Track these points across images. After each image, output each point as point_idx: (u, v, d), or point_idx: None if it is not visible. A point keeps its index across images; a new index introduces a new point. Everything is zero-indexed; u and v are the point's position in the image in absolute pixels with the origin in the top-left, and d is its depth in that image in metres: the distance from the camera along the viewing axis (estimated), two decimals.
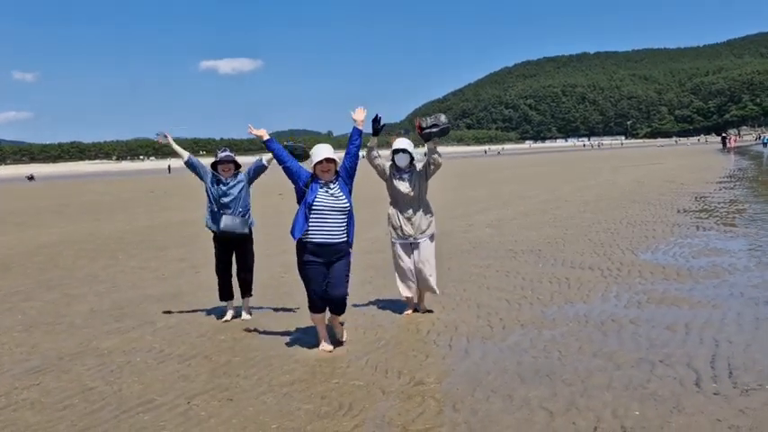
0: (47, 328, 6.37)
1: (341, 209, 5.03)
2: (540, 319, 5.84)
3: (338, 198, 5.05)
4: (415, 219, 6.02)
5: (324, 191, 5.02)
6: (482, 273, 7.99)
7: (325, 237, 4.98)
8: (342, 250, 5.09)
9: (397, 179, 6.04)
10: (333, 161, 5.05)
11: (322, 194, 5.00)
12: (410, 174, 6.05)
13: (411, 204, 6.03)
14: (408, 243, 6.06)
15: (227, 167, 6.28)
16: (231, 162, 6.30)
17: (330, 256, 5.05)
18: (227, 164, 6.27)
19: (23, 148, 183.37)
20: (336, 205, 5.02)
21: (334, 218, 5.01)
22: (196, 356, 5.24)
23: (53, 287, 8.51)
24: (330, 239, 4.99)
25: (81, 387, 4.64)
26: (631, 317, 5.74)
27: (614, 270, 7.77)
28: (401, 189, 6.01)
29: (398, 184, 6.02)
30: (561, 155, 77.02)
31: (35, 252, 11.97)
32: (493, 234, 11.36)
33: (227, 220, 6.13)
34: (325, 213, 4.98)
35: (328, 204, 4.99)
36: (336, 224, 5.02)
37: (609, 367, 4.50)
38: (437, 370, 4.67)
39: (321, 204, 4.98)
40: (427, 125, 5.95)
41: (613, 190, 19.60)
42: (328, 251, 5.02)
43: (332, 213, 5.00)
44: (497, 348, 5.07)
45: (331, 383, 4.47)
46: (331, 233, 5.00)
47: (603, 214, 13.39)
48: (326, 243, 4.99)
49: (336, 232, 5.02)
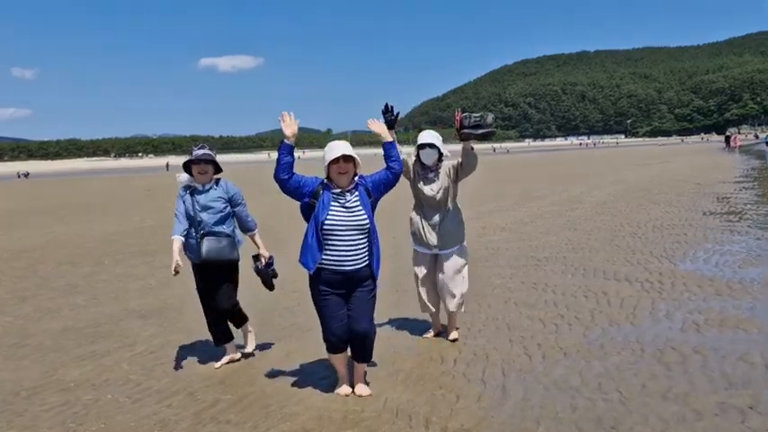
0: (8, 351, 5.50)
1: (359, 227, 3.97)
2: (585, 345, 4.97)
3: (354, 212, 3.97)
4: (441, 227, 5.08)
5: (338, 204, 3.96)
6: (506, 284, 7.12)
7: (342, 263, 3.95)
8: (364, 277, 4.04)
9: (422, 180, 5.10)
10: (351, 160, 3.99)
11: (335, 209, 3.95)
12: (436, 173, 5.07)
13: (437, 210, 5.09)
14: (433, 254, 5.15)
15: (204, 169, 4.73)
16: (209, 162, 4.75)
17: (349, 285, 4.03)
18: (202, 164, 4.73)
19: (21, 146, 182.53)
20: (353, 222, 3.95)
21: (351, 238, 3.95)
22: (178, 393, 4.36)
23: (27, 299, 7.63)
24: (347, 267, 3.95)
25: None
26: (693, 344, 4.87)
27: (655, 282, 6.90)
28: (426, 192, 5.07)
29: (423, 186, 5.08)
30: (566, 153, 76.13)
31: (16, 257, 11.09)
32: (510, 238, 10.49)
33: (211, 245, 4.67)
34: (340, 233, 3.94)
35: (343, 221, 3.94)
36: (352, 247, 3.95)
37: (687, 416, 3.63)
38: (473, 416, 3.79)
39: (334, 222, 3.93)
40: (469, 124, 4.91)
41: (627, 190, 18.73)
42: (347, 280, 4.00)
43: (348, 232, 3.94)
44: (541, 386, 4.20)
45: None
46: (348, 258, 3.95)
47: (625, 216, 12.52)
48: (341, 272, 3.96)
49: (355, 255, 3.96)
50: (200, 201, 4.70)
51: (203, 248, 4.65)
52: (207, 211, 4.69)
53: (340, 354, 4.17)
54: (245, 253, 5.07)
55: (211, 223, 4.70)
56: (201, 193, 4.73)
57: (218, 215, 4.73)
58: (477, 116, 4.90)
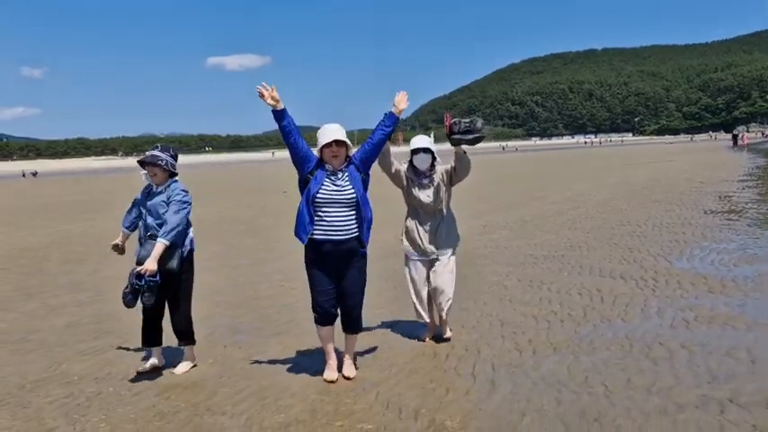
0: (14, 346, 5.65)
1: (346, 200, 4.26)
2: (575, 341, 5.08)
3: (343, 189, 4.27)
4: (438, 233, 5.07)
5: (329, 181, 4.27)
6: (502, 282, 7.23)
7: (329, 234, 4.26)
8: (352, 250, 4.34)
9: (416, 186, 5.07)
10: (343, 144, 4.27)
11: (326, 186, 4.26)
12: (431, 179, 5.05)
13: (433, 216, 5.08)
14: (428, 260, 5.13)
15: (152, 171, 4.66)
16: (156, 166, 4.63)
17: (338, 257, 4.32)
18: (149, 166, 4.65)
19: (30, 145, 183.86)
20: (341, 197, 4.25)
21: (338, 211, 4.26)
22: (177, 387, 4.49)
23: (33, 295, 7.79)
24: (334, 236, 4.26)
25: (39, 427, 3.91)
26: (681, 340, 4.96)
27: (650, 280, 6.98)
28: (422, 199, 5.04)
29: (418, 193, 5.05)
30: (571, 152, 75.97)
31: (22, 255, 11.26)
32: (510, 237, 10.58)
33: (147, 249, 4.58)
34: (328, 207, 4.25)
35: (331, 196, 4.25)
36: (341, 218, 4.27)
37: (669, 408, 3.73)
38: (461, 409, 3.91)
39: (324, 197, 4.24)
40: (460, 129, 4.86)
41: (630, 189, 18.77)
42: (335, 251, 4.29)
43: (335, 206, 4.25)
44: (530, 380, 4.31)
45: (334, 426, 3.72)
46: (335, 229, 4.26)
47: (625, 215, 12.58)
48: (330, 240, 4.27)
49: (342, 228, 4.27)
50: (147, 204, 4.72)
51: (142, 251, 4.65)
52: (150, 216, 4.68)
53: (327, 326, 4.45)
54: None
55: (154, 227, 4.64)
56: (151, 198, 4.71)
57: (159, 220, 4.63)
58: (466, 121, 4.87)
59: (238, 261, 9.57)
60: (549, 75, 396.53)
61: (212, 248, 10.56)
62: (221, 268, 8.95)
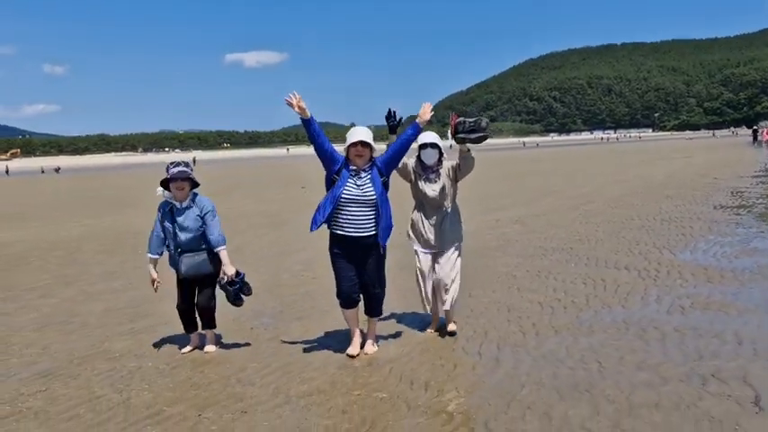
0: (59, 327, 6.16)
1: (366, 201, 4.70)
2: (576, 324, 5.46)
3: (365, 189, 4.70)
4: (442, 226, 5.27)
5: (352, 181, 4.70)
6: (511, 272, 7.61)
7: (350, 230, 4.73)
8: (371, 244, 4.78)
9: (423, 180, 5.27)
10: (368, 146, 4.72)
11: (349, 185, 4.69)
12: (437, 174, 5.26)
13: (438, 209, 5.28)
14: (433, 253, 5.36)
15: (181, 186, 4.96)
16: (186, 179, 4.98)
17: (357, 250, 4.79)
18: (179, 181, 4.96)
19: (52, 141, 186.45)
20: (361, 197, 4.69)
21: (360, 210, 4.70)
22: (209, 362, 4.96)
23: (70, 283, 8.33)
24: (355, 233, 4.73)
25: (89, 395, 4.39)
26: (675, 324, 5.33)
27: (652, 271, 7.33)
28: (427, 192, 5.24)
29: (424, 187, 5.25)
30: (589, 148, 75.71)
31: (56, 247, 11.85)
32: (521, 231, 10.95)
33: (189, 262, 5.02)
34: (351, 206, 4.69)
35: (353, 195, 4.68)
36: (361, 217, 4.71)
37: (655, 381, 4.12)
38: (466, 381, 4.33)
39: (347, 195, 4.68)
40: (464, 129, 5.05)
41: (645, 185, 18.99)
42: (355, 245, 4.76)
43: (356, 206, 4.69)
44: (531, 357, 4.71)
45: (352, 395, 4.15)
46: (356, 227, 4.72)
47: (636, 210, 12.88)
48: (351, 236, 4.73)
49: (362, 226, 4.72)
50: (178, 221, 5.00)
51: (182, 266, 5.03)
52: (184, 232, 4.99)
53: (351, 309, 4.93)
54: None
55: (189, 242, 5.01)
56: (180, 213, 5.01)
57: (194, 234, 5.01)
58: (471, 121, 5.06)
59: (261, 253, 10.05)
60: (568, 70, 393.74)
61: (236, 241, 11.04)
62: (246, 259, 9.42)
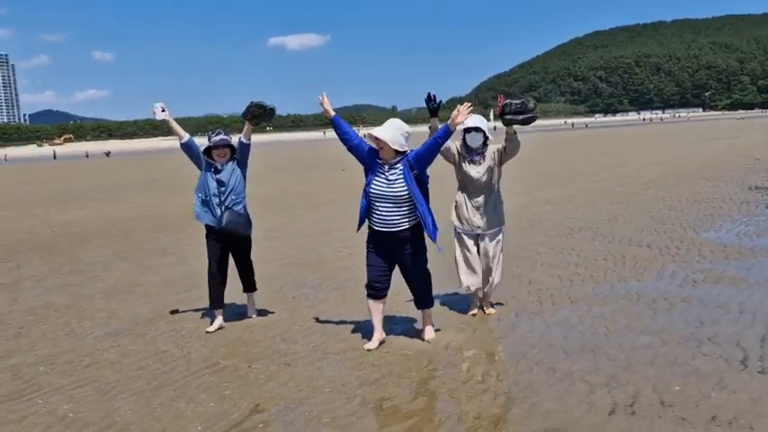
0: (123, 296, 6.89)
1: (395, 196, 4.61)
2: (591, 296, 5.90)
3: (393, 184, 4.62)
4: (485, 208, 5.32)
5: (381, 176, 4.67)
6: (536, 249, 8.04)
7: (380, 225, 4.71)
8: (404, 239, 4.71)
9: (468, 162, 5.29)
10: (382, 141, 4.59)
11: (378, 180, 4.68)
12: (482, 156, 5.27)
13: (482, 192, 5.31)
14: (475, 235, 5.42)
15: (223, 152, 5.42)
16: (227, 146, 5.45)
17: (390, 245, 4.76)
18: (222, 148, 5.42)
19: (102, 125, 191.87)
20: (390, 193, 4.62)
21: (387, 206, 4.65)
22: (256, 325, 5.58)
23: (128, 258, 9.10)
24: (385, 228, 4.69)
25: (155, 350, 5.07)
26: (684, 295, 5.72)
27: (673, 248, 7.67)
28: (472, 174, 5.27)
29: (469, 169, 5.28)
30: (634, 129, 74.31)
31: (112, 226, 12.73)
32: (552, 211, 11.31)
33: (231, 217, 5.36)
34: (379, 201, 4.67)
35: (382, 192, 4.65)
36: (390, 212, 4.65)
37: (655, 344, 4.55)
38: (483, 343, 4.83)
39: (376, 191, 4.68)
40: (511, 110, 4.99)
41: (682, 166, 18.98)
42: (387, 240, 4.75)
43: (384, 201, 4.65)
44: (545, 323, 5.18)
45: (382, 352, 4.71)
46: (386, 222, 4.67)
47: (669, 191, 13.07)
48: (382, 231, 4.72)
49: (392, 220, 4.65)
50: (220, 178, 5.39)
51: (224, 219, 5.33)
52: (224, 186, 5.39)
53: (374, 301, 4.89)
54: None
55: (232, 197, 5.40)
56: (220, 172, 5.41)
57: (237, 189, 5.44)
58: (518, 102, 4.98)
59: (303, 231, 10.69)
60: (615, 48, 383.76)
61: (279, 220, 11.75)
62: (288, 237, 10.08)
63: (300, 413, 3.78)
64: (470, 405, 3.76)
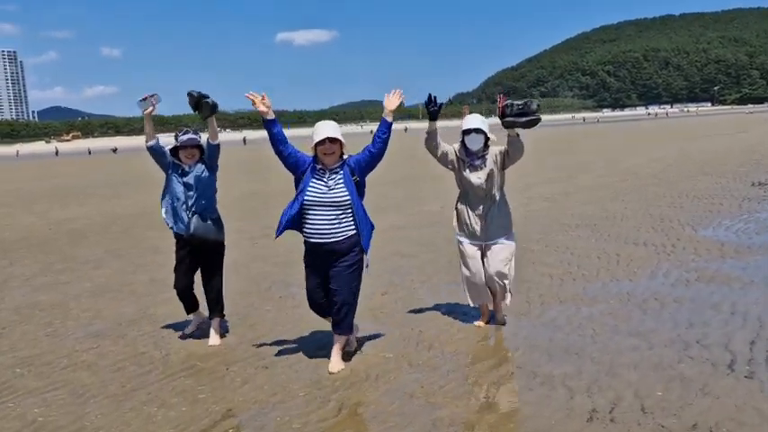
0: (111, 295, 6.83)
1: (336, 203, 4.19)
2: (581, 295, 5.78)
3: (333, 189, 4.20)
4: (488, 218, 4.88)
5: (319, 181, 4.23)
6: (530, 247, 7.92)
7: (316, 237, 4.24)
8: (343, 251, 4.24)
9: (467, 167, 4.87)
10: (337, 141, 4.22)
11: (314, 185, 4.22)
12: (483, 160, 4.84)
13: (484, 200, 4.88)
14: (479, 245, 4.98)
15: (191, 153, 4.99)
16: (196, 147, 5.01)
17: (326, 258, 4.29)
18: (190, 149, 4.99)
19: (109, 122, 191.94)
20: (330, 199, 4.19)
21: (327, 213, 4.20)
22: (241, 325, 5.51)
23: (122, 256, 9.05)
24: (321, 239, 4.23)
25: (134, 351, 5.00)
26: (676, 295, 5.60)
27: (669, 246, 7.54)
28: (472, 180, 4.84)
29: (469, 175, 4.85)
30: (640, 124, 73.82)
31: (111, 223, 12.70)
32: (549, 208, 11.18)
33: (198, 223, 4.93)
34: (317, 208, 4.21)
35: (320, 198, 4.20)
36: (326, 221, 4.20)
37: (641, 346, 4.44)
38: (467, 344, 4.73)
39: (312, 197, 4.22)
40: (512, 111, 4.61)
41: (685, 162, 18.77)
42: (323, 253, 4.28)
43: (323, 207, 4.20)
44: (531, 325, 5.08)
45: (362, 355, 4.62)
46: (321, 232, 4.22)
47: (670, 187, 12.90)
48: (317, 243, 4.25)
49: (328, 230, 4.20)
50: (188, 180, 4.95)
51: (192, 225, 4.91)
52: (192, 189, 4.95)
53: (326, 318, 4.56)
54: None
55: (200, 201, 4.97)
56: (188, 174, 4.97)
57: (205, 193, 5.00)
58: (519, 103, 4.62)
59: None
60: (623, 43, 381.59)
61: (276, 217, 11.66)
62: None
63: (272, 418, 3.69)
64: (446, 410, 3.67)
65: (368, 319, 5.43)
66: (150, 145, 5.13)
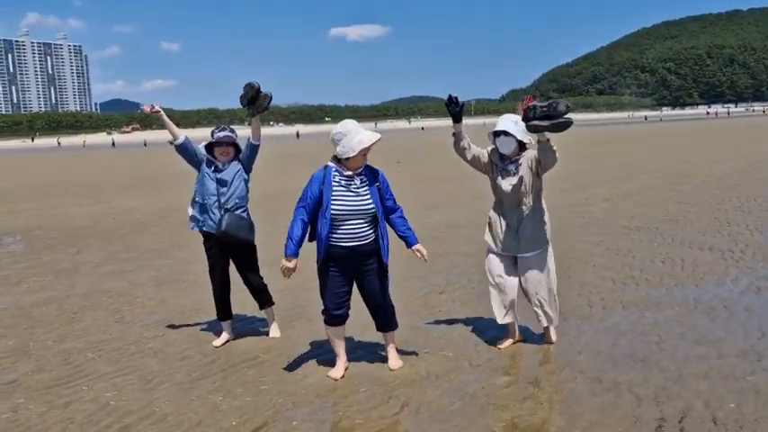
0: (174, 284, 7.04)
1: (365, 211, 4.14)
2: (645, 301, 5.64)
3: (361, 197, 4.15)
4: (521, 228, 4.50)
5: (345, 190, 4.14)
6: (590, 250, 7.77)
7: (347, 240, 4.15)
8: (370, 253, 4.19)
9: (500, 173, 4.51)
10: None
11: (344, 195, 4.12)
12: (517, 165, 4.47)
13: (517, 208, 4.50)
14: (511, 257, 4.62)
15: (226, 151, 4.91)
16: (231, 144, 4.92)
17: (354, 261, 4.20)
18: (225, 146, 4.91)
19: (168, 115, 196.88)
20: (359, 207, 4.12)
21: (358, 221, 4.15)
22: (301, 318, 5.59)
23: (183, 246, 9.30)
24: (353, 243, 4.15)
25: (198, 341, 5.14)
26: (746, 304, 5.40)
27: (737, 252, 7.27)
28: (503, 187, 4.49)
29: (501, 181, 4.50)
30: (700, 124, 71.38)
31: (169, 214, 13.06)
32: (608, 209, 10.94)
33: (231, 220, 4.81)
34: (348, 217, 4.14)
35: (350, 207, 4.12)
36: (360, 226, 4.14)
37: (710, 355, 4.30)
38: (527, 348, 4.68)
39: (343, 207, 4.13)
40: (536, 114, 4.16)
41: (751, 164, 18.04)
42: (351, 257, 4.18)
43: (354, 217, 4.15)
44: (593, 329, 4.98)
45: (422, 353, 4.62)
46: (353, 236, 4.14)
47: (736, 191, 12.43)
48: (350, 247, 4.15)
49: (362, 234, 4.15)
50: (221, 177, 4.89)
51: (224, 223, 4.79)
52: (226, 186, 4.89)
53: (337, 327, 4.33)
54: None
55: (230, 198, 4.89)
56: (222, 171, 4.91)
57: (238, 191, 4.94)
58: (543, 105, 4.15)
59: None
60: (685, 39, 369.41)
61: None
62: None
63: (334, 412, 3.74)
64: (509, 412, 3.63)
65: (426, 317, 5.44)
66: (178, 143, 5.09)
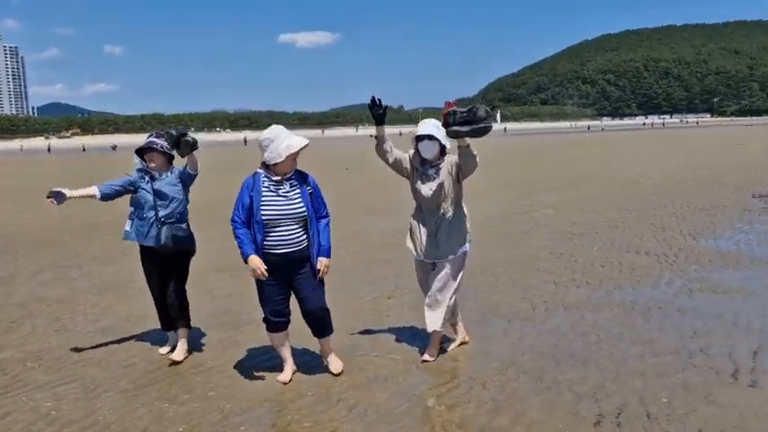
0: (119, 291, 6.89)
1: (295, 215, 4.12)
2: (585, 302, 5.84)
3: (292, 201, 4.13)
4: (438, 235, 4.44)
5: (274, 195, 4.14)
6: (535, 254, 7.99)
7: (281, 247, 4.10)
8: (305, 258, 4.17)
9: (420, 177, 4.43)
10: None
11: (272, 200, 4.12)
12: (437, 170, 4.39)
13: (435, 213, 4.43)
14: (431, 263, 4.58)
15: (150, 158, 4.72)
16: (154, 151, 4.71)
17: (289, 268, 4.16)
18: (149, 152, 4.72)
19: (109, 120, 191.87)
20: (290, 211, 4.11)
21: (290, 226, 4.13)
22: (249, 324, 5.55)
23: (128, 253, 9.01)
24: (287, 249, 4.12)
25: (143, 348, 5.05)
26: (679, 305, 5.66)
27: (671, 256, 7.60)
28: (422, 191, 4.41)
29: (420, 185, 4.42)
30: (642, 133, 74.06)
31: (114, 220, 12.71)
32: (552, 215, 11.25)
33: (171, 231, 4.66)
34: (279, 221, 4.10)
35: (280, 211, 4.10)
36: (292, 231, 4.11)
37: (646, 354, 4.50)
38: (474, 349, 4.79)
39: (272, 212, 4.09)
40: (456, 120, 4.11)
41: (686, 173, 18.85)
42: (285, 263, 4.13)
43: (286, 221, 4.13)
44: (536, 330, 5.14)
45: (370, 357, 4.67)
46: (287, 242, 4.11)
47: (671, 197, 12.98)
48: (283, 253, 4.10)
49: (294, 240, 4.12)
50: (156, 186, 4.72)
51: (162, 235, 4.63)
52: (163, 199, 4.71)
53: (279, 333, 4.29)
54: None
55: (169, 212, 4.72)
56: (159, 180, 4.75)
57: (175, 201, 4.75)
58: (463, 111, 4.12)
59: None
60: (624, 52, 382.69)
61: None
62: None
63: (282, 416, 3.75)
64: (455, 413, 3.72)
65: (374, 321, 5.50)
66: (100, 199, 4.79)
